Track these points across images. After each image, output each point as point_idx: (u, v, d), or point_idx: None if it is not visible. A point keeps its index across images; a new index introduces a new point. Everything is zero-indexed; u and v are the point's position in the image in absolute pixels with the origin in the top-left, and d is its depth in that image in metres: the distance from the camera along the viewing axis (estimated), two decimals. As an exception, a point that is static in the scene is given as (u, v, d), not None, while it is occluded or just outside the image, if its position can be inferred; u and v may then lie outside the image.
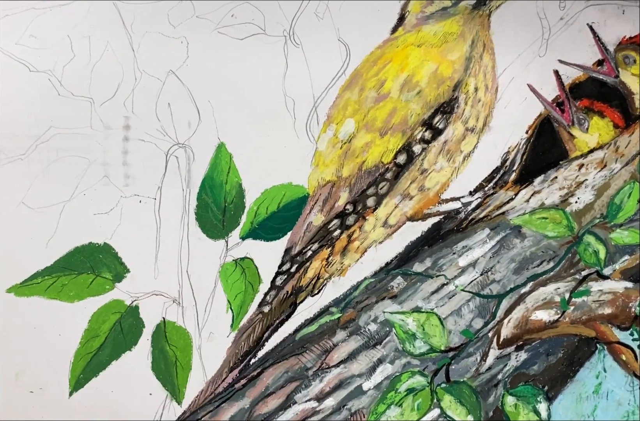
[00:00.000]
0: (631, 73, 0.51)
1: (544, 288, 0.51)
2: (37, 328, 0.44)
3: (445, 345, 0.50)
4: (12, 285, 0.43)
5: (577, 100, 0.51)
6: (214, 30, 0.45)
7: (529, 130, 0.50)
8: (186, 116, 0.45)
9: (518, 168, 0.50)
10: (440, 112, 0.49)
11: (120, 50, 0.43)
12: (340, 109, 0.47)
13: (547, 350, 0.51)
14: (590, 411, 0.51)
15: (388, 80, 0.48)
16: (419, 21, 0.48)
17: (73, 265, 0.44)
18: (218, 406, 0.47)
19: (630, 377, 0.52)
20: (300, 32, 0.46)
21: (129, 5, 0.43)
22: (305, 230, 0.48)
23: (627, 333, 0.52)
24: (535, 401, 0.51)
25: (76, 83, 0.43)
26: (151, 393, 0.46)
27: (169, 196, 0.45)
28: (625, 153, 0.51)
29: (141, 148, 0.44)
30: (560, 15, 0.50)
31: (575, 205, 0.51)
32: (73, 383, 0.45)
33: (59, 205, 0.43)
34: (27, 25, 0.42)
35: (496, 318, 0.50)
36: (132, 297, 0.45)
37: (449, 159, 0.49)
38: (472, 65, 0.49)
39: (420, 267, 0.49)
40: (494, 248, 0.50)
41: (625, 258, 0.51)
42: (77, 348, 0.44)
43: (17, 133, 0.42)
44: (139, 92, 0.44)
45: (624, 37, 0.51)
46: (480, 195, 0.50)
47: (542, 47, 0.50)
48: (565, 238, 0.51)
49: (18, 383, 0.44)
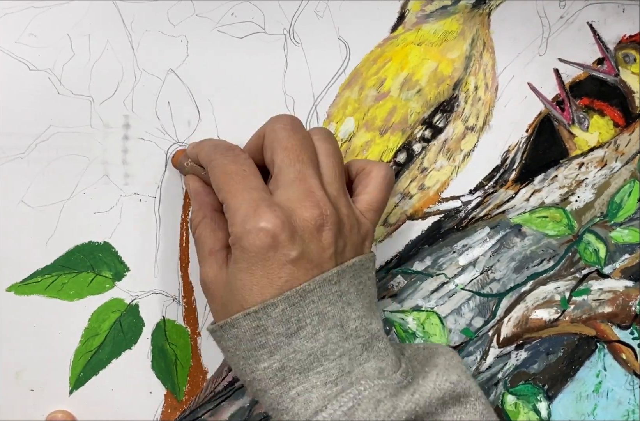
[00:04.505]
0: (631, 72, 0.51)
1: (544, 287, 0.51)
2: (37, 326, 0.44)
3: (445, 343, 0.50)
4: (12, 283, 0.43)
5: (577, 98, 0.51)
6: (214, 28, 0.45)
7: (529, 129, 0.50)
8: (186, 115, 0.45)
9: (518, 167, 0.50)
10: (440, 110, 0.49)
11: (120, 48, 0.43)
12: (340, 108, 0.47)
13: (547, 348, 0.51)
14: (590, 410, 0.51)
15: (388, 79, 0.48)
16: (419, 20, 0.48)
17: (73, 263, 0.44)
18: (218, 404, 0.47)
19: (630, 376, 0.52)
20: (300, 30, 0.46)
21: (128, 4, 0.43)
22: (305, 229, 0.48)
23: (627, 331, 0.52)
24: (535, 400, 0.51)
25: (76, 82, 0.43)
26: (151, 392, 0.46)
27: (168, 195, 0.45)
28: (625, 152, 0.51)
29: (141, 147, 0.44)
30: (560, 14, 0.50)
31: (576, 204, 0.51)
32: (73, 382, 0.45)
33: (59, 203, 0.43)
34: (26, 23, 0.42)
35: (496, 317, 0.50)
36: (132, 295, 0.45)
37: (449, 158, 0.49)
38: (472, 64, 0.49)
39: (420, 265, 0.49)
40: (494, 247, 0.50)
41: (626, 257, 0.51)
42: (77, 347, 0.45)
43: (16, 131, 0.43)
44: (139, 91, 0.44)
45: (624, 35, 0.51)
46: (481, 193, 0.50)
47: (542, 46, 0.50)
48: (565, 237, 0.51)
49: (18, 382, 0.44)
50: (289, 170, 0.38)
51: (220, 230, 0.40)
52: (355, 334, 0.38)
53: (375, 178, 0.41)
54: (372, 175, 0.41)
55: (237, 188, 0.38)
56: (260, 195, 0.37)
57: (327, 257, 0.37)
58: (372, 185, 0.41)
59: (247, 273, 0.37)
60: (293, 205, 0.37)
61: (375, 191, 0.41)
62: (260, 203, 0.37)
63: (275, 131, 0.39)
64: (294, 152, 0.38)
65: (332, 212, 0.38)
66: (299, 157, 0.38)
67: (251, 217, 0.36)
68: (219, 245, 0.40)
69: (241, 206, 0.37)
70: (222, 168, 0.39)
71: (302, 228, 0.37)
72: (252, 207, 0.36)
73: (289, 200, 0.37)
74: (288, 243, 0.36)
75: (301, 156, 0.38)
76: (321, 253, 0.37)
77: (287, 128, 0.39)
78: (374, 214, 0.41)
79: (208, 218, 0.41)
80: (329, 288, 0.37)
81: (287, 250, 0.36)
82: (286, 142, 0.39)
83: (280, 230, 0.36)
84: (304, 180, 0.38)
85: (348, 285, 0.38)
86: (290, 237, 0.36)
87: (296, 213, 0.37)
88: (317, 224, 0.37)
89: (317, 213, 0.37)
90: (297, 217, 0.37)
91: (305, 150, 0.39)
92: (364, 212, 0.41)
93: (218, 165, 0.39)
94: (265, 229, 0.36)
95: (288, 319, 0.36)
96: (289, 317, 0.36)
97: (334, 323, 0.37)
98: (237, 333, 0.37)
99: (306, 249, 0.37)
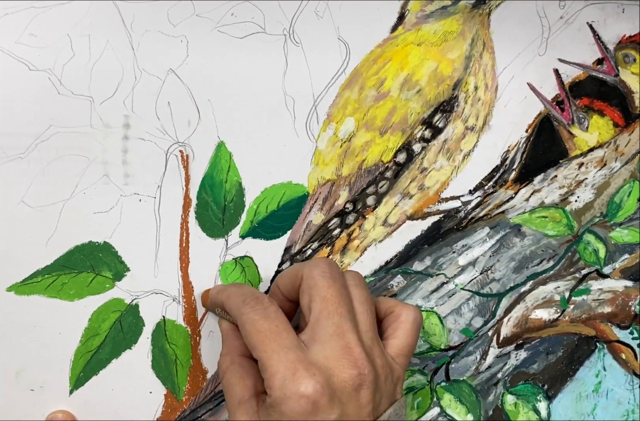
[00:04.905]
0: (631, 72, 0.51)
1: (544, 287, 0.51)
2: (38, 326, 0.44)
3: (445, 343, 0.50)
4: (12, 283, 0.43)
5: (576, 98, 0.51)
6: (214, 28, 0.45)
7: (529, 129, 0.50)
8: (186, 115, 0.45)
9: (518, 167, 0.50)
10: (440, 110, 0.49)
11: (120, 48, 0.43)
12: (340, 108, 0.47)
13: (546, 348, 0.51)
14: (590, 410, 0.51)
15: (388, 79, 0.48)
16: (419, 20, 0.48)
17: (73, 263, 0.44)
18: (218, 404, 0.47)
19: (630, 376, 0.52)
20: (300, 30, 0.46)
21: (128, 4, 0.43)
22: (305, 229, 0.48)
23: (627, 331, 0.52)
24: (535, 400, 0.51)
25: (76, 82, 0.43)
26: (151, 392, 0.46)
27: (168, 195, 0.45)
28: (625, 152, 0.51)
29: (141, 147, 0.44)
30: (560, 14, 0.50)
31: (575, 204, 0.51)
32: (73, 382, 0.45)
33: (59, 203, 0.43)
34: (26, 23, 0.42)
35: (496, 316, 0.50)
36: (132, 295, 0.45)
37: (448, 158, 0.49)
38: (472, 64, 0.49)
39: (420, 265, 0.49)
40: (494, 247, 0.50)
41: (625, 257, 0.52)
42: (78, 347, 0.45)
43: (16, 131, 0.43)
44: (139, 91, 0.44)
45: (624, 35, 0.51)
46: (480, 193, 0.50)
47: (542, 46, 0.50)
48: (565, 237, 0.51)
49: (18, 382, 0.44)
50: (327, 322, 0.38)
51: (248, 378, 0.40)
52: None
53: (405, 323, 0.41)
54: (402, 320, 0.42)
55: (272, 347, 0.37)
56: (297, 355, 0.37)
57: (365, 414, 0.37)
58: (402, 330, 0.41)
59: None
60: (331, 364, 0.37)
61: (406, 336, 0.41)
62: (298, 365, 0.36)
63: (314, 278, 0.39)
64: (332, 304, 0.38)
65: (369, 370, 0.37)
66: (337, 310, 0.38)
67: (290, 382, 0.36)
68: (247, 394, 0.39)
69: (279, 368, 0.36)
70: (253, 325, 0.38)
71: (341, 389, 0.37)
72: (289, 370, 0.36)
73: (326, 358, 0.37)
74: (327, 407, 0.36)
75: (340, 309, 0.38)
76: (359, 412, 0.37)
77: (326, 277, 0.39)
78: (405, 359, 0.41)
79: (236, 364, 0.40)
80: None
81: (327, 414, 0.36)
82: (325, 291, 0.39)
83: (320, 396, 0.36)
84: (342, 335, 0.38)
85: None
86: (330, 400, 0.36)
87: (335, 374, 0.37)
88: (355, 385, 0.37)
89: (355, 373, 0.37)
90: (336, 378, 0.37)
91: (344, 302, 0.39)
92: (395, 357, 0.41)
93: (248, 320, 0.38)
94: (305, 396, 0.35)
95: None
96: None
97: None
98: None
99: (345, 410, 0.37)
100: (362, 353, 0.38)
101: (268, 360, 0.37)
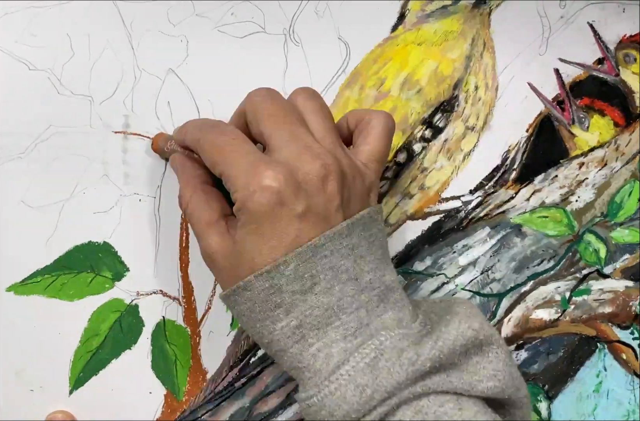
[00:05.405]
0: (632, 71, 0.51)
1: (545, 287, 0.51)
2: (37, 326, 0.44)
3: (445, 343, 0.49)
4: (11, 283, 0.43)
5: (577, 98, 0.51)
6: (214, 28, 0.45)
7: (530, 129, 0.50)
8: (186, 115, 0.45)
9: (518, 166, 0.50)
10: (441, 110, 0.49)
11: (120, 48, 0.43)
12: (340, 108, 0.47)
13: (547, 349, 0.51)
14: (590, 410, 0.51)
15: (388, 79, 0.48)
16: (419, 19, 0.48)
17: (73, 263, 0.44)
18: (218, 405, 0.47)
19: (630, 376, 0.52)
20: (300, 30, 0.46)
21: (128, 4, 0.43)
22: (305, 229, 0.48)
23: (628, 332, 0.52)
24: (536, 400, 0.51)
25: (76, 81, 0.43)
26: (151, 392, 0.46)
27: (168, 195, 0.45)
28: (625, 152, 0.51)
29: (141, 147, 0.44)
30: (561, 14, 0.50)
31: (576, 204, 0.51)
32: (73, 382, 0.45)
33: (59, 203, 0.43)
34: (26, 23, 0.42)
35: (496, 317, 0.50)
36: (131, 295, 0.45)
37: (449, 158, 0.49)
38: (473, 64, 0.49)
39: (420, 265, 0.49)
40: (495, 247, 0.50)
41: (626, 257, 0.51)
42: (77, 347, 0.44)
43: (16, 131, 0.42)
44: (139, 91, 0.44)
45: (625, 35, 0.51)
46: (481, 193, 0.50)
47: (543, 46, 0.50)
48: (565, 237, 0.51)
49: (18, 382, 0.44)
50: (280, 133, 0.37)
51: (214, 201, 0.39)
52: (370, 286, 0.37)
53: (376, 128, 0.40)
54: (372, 125, 0.40)
55: (232, 156, 0.37)
56: (257, 156, 0.36)
57: (334, 209, 0.37)
58: (373, 135, 0.40)
59: (255, 235, 0.36)
60: (293, 162, 0.36)
61: (377, 141, 0.40)
62: (259, 163, 0.36)
63: (254, 103, 0.39)
64: (280, 117, 0.38)
65: (333, 161, 0.37)
66: (285, 120, 0.38)
67: (252, 178, 0.35)
68: (215, 216, 0.39)
69: (240, 171, 0.36)
70: (212, 143, 0.38)
71: (306, 181, 0.36)
72: (252, 168, 0.36)
73: (287, 158, 0.36)
74: (293, 198, 0.35)
75: (288, 118, 0.38)
76: (327, 205, 0.36)
77: (265, 97, 0.39)
78: (377, 164, 0.40)
79: (199, 190, 0.40)
80: (340, 242, 0.37)
81: (293, 205, 0.35)
82: (269, 109, 0.38)
83: (284, 186, 0.35)
84: (297, 138, 0.37)
85: (359, 238, 0.37)
86: (295, 191, 0.35)
87: (298, 168, 0.36)
88: (320, 175, 0.36)
89: (318, 164, 0.36)
90: (299, 171, 0.36)
91: (291, 112, 0.38)
92: (366, 162, 0.40)
93: (206, 141, 0.38)
94: (268, 186, 0.35)
95: (301, 276, 0.36)
96: (302, 274, 0.36)
97: (348, 277, 0.37)
98: (251, 296, 0.36)
99: (312, 203, 0.36)
100: (323, 148, 0.37)
101: (230, 168, 0.36)
